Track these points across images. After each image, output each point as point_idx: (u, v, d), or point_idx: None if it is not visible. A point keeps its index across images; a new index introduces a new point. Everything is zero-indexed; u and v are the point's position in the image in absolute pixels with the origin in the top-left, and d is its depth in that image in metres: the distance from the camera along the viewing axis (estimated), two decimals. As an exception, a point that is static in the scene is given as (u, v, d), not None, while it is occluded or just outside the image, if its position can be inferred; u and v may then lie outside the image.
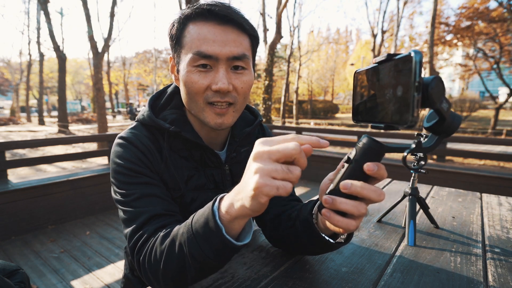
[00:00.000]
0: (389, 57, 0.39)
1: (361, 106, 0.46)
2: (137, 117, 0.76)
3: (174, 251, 0.54)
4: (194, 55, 0.63)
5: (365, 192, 0.42)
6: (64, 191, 3.25)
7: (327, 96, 37.20)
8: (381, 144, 0.42)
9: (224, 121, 0.68)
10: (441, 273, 0.70)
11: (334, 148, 7.21)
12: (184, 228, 0.55)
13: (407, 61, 0.35)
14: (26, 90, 21.88)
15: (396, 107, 0.37)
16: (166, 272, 0.56)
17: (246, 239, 0.53)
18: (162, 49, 33.99)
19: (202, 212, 0.52)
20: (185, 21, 0.66)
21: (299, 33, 24.48)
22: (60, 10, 15.04)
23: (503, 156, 4.36)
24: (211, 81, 0.65)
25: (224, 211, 0.49)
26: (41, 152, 8.24)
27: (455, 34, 13.73)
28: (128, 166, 0.67)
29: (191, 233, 0.52)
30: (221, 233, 0.49)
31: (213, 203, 0.51)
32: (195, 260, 0.52)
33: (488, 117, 17.34)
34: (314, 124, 19.44)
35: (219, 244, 0.50)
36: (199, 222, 0.51)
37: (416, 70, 0.34)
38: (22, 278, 0.94)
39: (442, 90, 0.36)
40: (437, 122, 0.41)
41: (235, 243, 0.50)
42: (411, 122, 0.35)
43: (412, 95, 0.34)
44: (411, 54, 0.34)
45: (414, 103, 0.34)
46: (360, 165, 0.42)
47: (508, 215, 1.10)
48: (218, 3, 0.65)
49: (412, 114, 0.34)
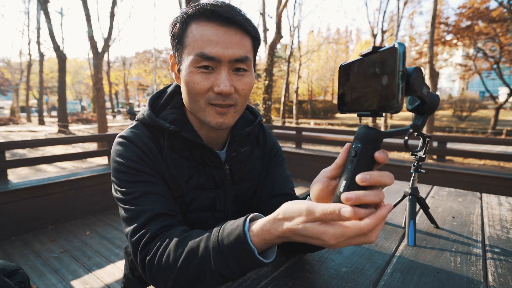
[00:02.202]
0: (374, 49, 0.41)
1: (347, 97, 0.48)
2: (137, 117, 0.76)
3: (194, 262, 0.55)
4: (196, 56, 0.63)
5: (383, 179, 0.43)
6: (64, 191, 3.25)
7: (327, 96, 37.22)
8: (379, 130, 0.44)
9: (225, 120, 0.68)
10: (441, 273, 0.70)
11: (334, 148, 7.21)
12: (206, 242, 0.56)
13: (392, 52, 0.38)
14: (26, 90, 21.86)
15: (382, 95, 0.40)
16: (180, 278, 0.56)
17: (273, 256, 0.54)
18: (162, 49, 34.00)
19: (230, 230, 0.54)
20: (188, 20, 0.65)
21: (299, 33, 24.45)
22: (60, 10, 15.05)
23: (503, 156, 4.36)
24: (213, 83, 0.65)
25: (257, 235, 0.51)
26: (41, 152, 8.24)
27: (455, 34, 13.72)
28: (129, 165, 0.67)
29: (218, 249, 0.53)
30: (254, 254, 0.51)
31: (244, 223, 0.53)
32: (220, 275, 0.54)
33: (488, 117, 17.33)
34: (314, 124, 19.44)
35: (249, 263, 0.52)
36: (228, 239, 0.53)
37: (400, 60, 0.37)
38: (22, 278, 0.94)
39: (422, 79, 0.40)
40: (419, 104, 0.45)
41: (265, 261, 0.52)
42: (397, 107, 0.38)
43: (397, 83, 0.37)
44: (395, 45, 0.37)
45: (399, 90, 0.37)
46: (365, 156, 0.44)
47: (508, 215, 1.10)
48: (222, 3, 0.64)
49: (397, 100, 0.37)
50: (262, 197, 0.83)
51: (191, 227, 0.68)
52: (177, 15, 0.68)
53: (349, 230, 0.43)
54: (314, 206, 0.46)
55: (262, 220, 0.52)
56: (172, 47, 0.71)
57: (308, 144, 6.89)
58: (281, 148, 0.93)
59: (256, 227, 0.51)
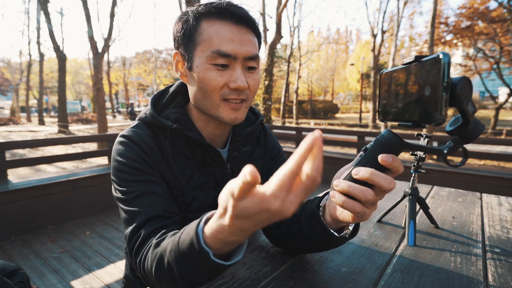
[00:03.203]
0: (416, 59, 0.40)
1: (388, 106, 0.47)
2: (139, 116, 0.76)
3: (164, 266, 0.53)
4: (213, 53, 0.64)
5: (375, 178, 0.42)
6: (64, 191, 3.25)
7: (327, 96, 37.23)
8: (400, 138, 0.43)
9: (238, 116, 0.70)
10: (441, 273, 0.70)
11: (334, 148, 7.21)
12: (172, 245, 0.52)
13: (436, 62, 0.36)
14: (26, 90, 21.86)
15: (424, 106, 0.38)
16: (159, 281, 0.56)
17: (238, 256, 0.48)
18: (162, 49, 34.03)
19: (187, 232, 0.49)
20: (199, 18, 0.67)
21: (299, 33, 24.50)
22: (60, 10, 15.06)
23: (503, 156, 4.36)
24: (228, 79, 0.66)
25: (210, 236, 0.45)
26: (41, 152, 8.24)
27: (455, 34, 13.71)
28: (129, 164, 0.67)
29: (178, 254, 0.49)
30: (209, 257, 0.46)
31: (197, 226, 0.47)
32: (185, 279, 0.51)
33: (488, 117, 17.33)
34: (314, 124, 19.43)
35: (207, 267, 0.47)
36: (185, 243, 0.48)
37: (445, 71, 0.35)
38: (22, 278, 0.94)
39: (470, 90, 0.37)
40: (460, 125, 0.41)
41: (225, 263, 0.47)
42: (439, 120, 0.36)
43: (441, 95, 0.35)
44: (439, 56, 0.36)
45: (443, 102, 0.35)
46: (375, 155, 0.43)
47: (508, 215, 1.10)
48: (232, 3, 0.67)
49: (440, 112, 0.36)
50: None
51: None
52: (186, 13, 0.69)
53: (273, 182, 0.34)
54: (233, 183, 0.37)
55: (212, 220, 0.45)
56: (179, 45, 0.70)
57: (308, 144, 6.87)
58: (282, 149, 0.94)
59: (208, 229, 0.46)
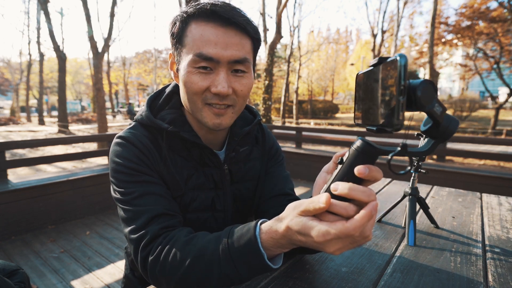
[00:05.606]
0: (380, 61, 0.38)
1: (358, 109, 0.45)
2: (136, 117, 0.76)
3: (201, 265, 0.55)
4: (195, 56, 0.63)
5: (354, 193, 0.41)
6: (64, 191, 3.25)
7: (327, 96, 37.17)
8: (374, 146, 0.41)
9: (222, 121, 0.68)
10: (441, 273, 0.70)
11: (334, 148, 7.21)
12: (214, 244, 0.56)
13: (393, 65, 0.35)
14: (26, 90, 21.87)
15: (384, 110, 0.37)
16: (185, 279, 0.57)
17: (280, 262, 0.55)
18: (162, 49, 34.07)
19: (240, 234, 0.54)
20: (188, 20, 0.65)
21: (299, 33, 24.50)
22: (60, 10, 15.05)
23: (503, 156, 4.35)
24: (210, 83, 0.64)
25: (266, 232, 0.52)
26: (41, 152, 8.24)
27: (455, 34, 13.72)
28: (127, 165, 0.67)
29: (228, 253, 0.54)
30: (263, 259, 0.52)
31: (254, 227, 0.53)
32: (228, 278, 0.55)
33: (488, 117, 17.32)
34: (314, 124, 19.43)
35: (258, 268, 0.53)
36: (239, 243, 0.53)
37: (401, 74, 0.34)
38: (22, 278, 0.93)
39: (432, 93, 0.36)
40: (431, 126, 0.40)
41: (274, 266, 0.53)
42: (396, 125, 0.35)
43: (397, 99, 0.34)
44: (396, 58, 0.34)
45: (399, 107, 0.34)
46: (352, 168, 0.42)
47: (508, 215, 1.10)
48: (222, 3, 0.64)
49: (397, 117, 0.34)
50: (261, 197, 0.83)
51: (191, 227, 0.68)
52: (177, 14, 0.68)
53: (334, 226, 0.42)
54: (302, 200, 0.47)
55: (270, 221, 0.53)
56: (172, 46, 0.71)
57: (308, 144, 6.89)
58: (280, 148, 0.93)
59: (265, 227, 0.53)
